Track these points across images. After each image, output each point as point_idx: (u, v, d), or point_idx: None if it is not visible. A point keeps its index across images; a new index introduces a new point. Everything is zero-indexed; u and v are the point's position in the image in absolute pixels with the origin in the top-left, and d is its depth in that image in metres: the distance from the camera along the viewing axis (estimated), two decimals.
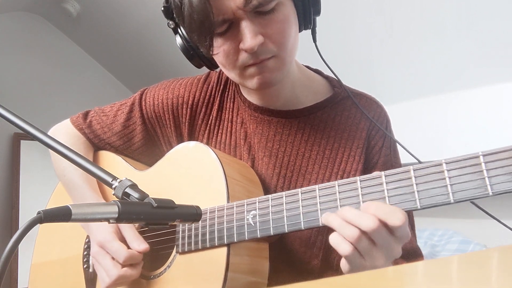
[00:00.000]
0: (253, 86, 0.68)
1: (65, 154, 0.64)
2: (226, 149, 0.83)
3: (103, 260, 0.73)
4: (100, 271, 0.74)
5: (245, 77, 0.68)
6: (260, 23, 0.63)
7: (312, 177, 0.77)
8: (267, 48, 0.64)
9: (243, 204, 0.67)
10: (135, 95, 0.90)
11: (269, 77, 0.67)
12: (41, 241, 0.97)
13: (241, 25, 0.62)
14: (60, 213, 0.50)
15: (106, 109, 0.92)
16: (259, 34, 0.62)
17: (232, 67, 0.67)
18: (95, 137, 0.92)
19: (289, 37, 0.66)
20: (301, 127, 0.79)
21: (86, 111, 0.95)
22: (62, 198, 0.94)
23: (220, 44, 0.65)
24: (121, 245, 0.71)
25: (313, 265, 0.76)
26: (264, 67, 0.66)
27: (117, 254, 0.71)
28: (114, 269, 0.71)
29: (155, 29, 2.54)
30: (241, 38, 0.63)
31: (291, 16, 0.66)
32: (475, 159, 0.50)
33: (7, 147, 2.72)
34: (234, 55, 0.65)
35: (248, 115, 0.81)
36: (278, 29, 0.64)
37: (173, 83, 0.88)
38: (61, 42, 3.12)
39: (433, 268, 0.35)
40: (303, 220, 0.61)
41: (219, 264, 0.66)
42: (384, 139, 0.78)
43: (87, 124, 0.92)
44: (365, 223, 0.53)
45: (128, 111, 0.88)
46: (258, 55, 0.64)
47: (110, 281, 0.71)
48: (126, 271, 0.71)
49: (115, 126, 0.89)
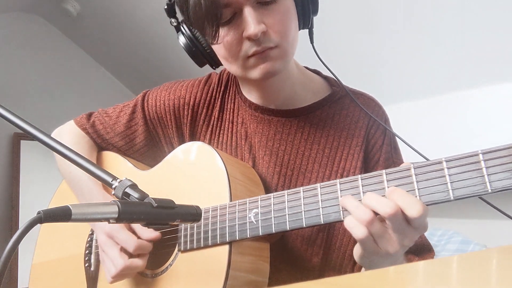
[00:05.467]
0: (256, 76, 0.69)
1: (65, 154, 0.64)
2: (228, 149, 0.83)
3: (111, 250, 0.73)
4: (106, 261, 0.74)
5: (247, 68, 0.69)
6: (262, 13, 0.65)
7: (312, 175, 0.78)
8: (270, 38, 0.66)
9: (245, 202, 0.68)
10: (138, 96, 0.92)
11: (272, 67, 0.68)
12: (42, 240, 0.97)
13: (244, 13, 0.64)
14: (60, 213, 0.50)
15: (109, 110, 0.94)
16: (262, 22, 0.64)
17: (235, 59, 0.69)
18: (98, 136, 0.93)
19: (290, 28, 0.68)
20: (301, 126, 0.79)
21: (90, 113, 0.96)
22: (64, 198, 0.94)
23: (224, 34, 0.66)
24: (131, 235, 0.72)
25: (314, 263, 0.76)
26: (267, 57, 0.67)
27: (127, 244, 0.71)
28: (120, 259, 0.71)
29: (155, 29, 2.54)
30: (244, 26, 0.64)
31: (292, 9, 0.69)
32: (474, 157, 0.51)
33: (7, 147, 2.72)
34: (238, 45, 0.66)
35: (249, 115, 0.82)
36: (280, 19, 0.66)
37: (174, 85, 0.89)
38: (61, 42, 3.12)
39: (433, 268, 0.35)
40: (304, 217, 0.62)
41: (221, 262, 0.67)
42: (384, 137, 0.79)
43: (90, 124, 0.93)
44: (383, 208, 0.53)
45: (130, 112, 0.90)
46: (261, 43, 0.65)
47: (116, 271, 0.71)
48: (133, 261, 0.71)
49: (117, 127, 0.91)
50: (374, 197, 0.55)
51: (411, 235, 0.55)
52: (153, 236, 0.72)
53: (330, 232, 0.75)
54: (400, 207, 0.53)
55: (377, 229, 0.54)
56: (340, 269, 0.77)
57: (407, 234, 0.54)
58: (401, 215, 0.53)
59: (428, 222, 0.56)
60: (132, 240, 0.71)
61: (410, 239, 0.55)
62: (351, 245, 0.75)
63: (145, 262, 0.73)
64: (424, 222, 0.54)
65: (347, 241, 0.76)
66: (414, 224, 0.54)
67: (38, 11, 2.94)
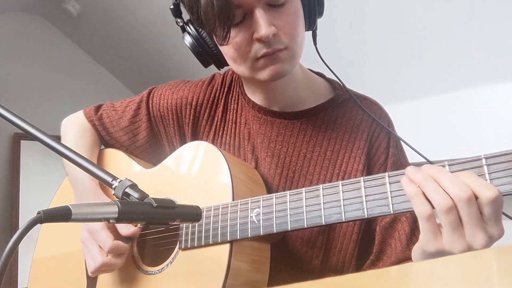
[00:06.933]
0: (265, 77, 0.70)
1: (65, 154, 0.64)
2: (231, 150, 0.84)
3: (91, 247, 0.75)
4: (87, 256, 0.76)
5: (256, 69, 0.70)
6: (273, 15, 0.65)
7: (313, 177, 0.78)
8: (280, 39, 0.66)
9: (247, 202, 0.68)
10: (144, 93, 0.93)
11: (280, 68, 0.69)
12: (43, 236, 0.97)
13: (255, 15, 0.64)
14: (60, 213, 0.51)
15: (116, 104, 0.96)
16: (272, 24, 0.65)
17: (243, 60, 0.69)
18: (104, 129, 0.95)
19: (299, 31, 0.69)
20: (303, 128, 0.80)
21: (99, 105, 0.98)
22: (67, 194, 0.95)
23: (233, 36, 0.66)
24: (108, 235, 0.73)
25: (313, 265, 0.76)
26: (276, 58, 0.68)
27: (103, 244, 0.73)
28: (99, 257, 0.73)
29: (155, 29, 2.54)
30: (255, 28, 0.65)
31: (300, 11, 0.70)
32: (477, 162, 0.51)
33: (7, 147, 2.71)
34: (247, 46, 0.67)
35: (252, 116, 0.83)
36: (289, 21, 0.67)
37: (179, 84, 0.91)
38: (61, 43, 3.12)
39: (433, 268, 0.35)
40: (306, 218, 0.62)
41: (221, 260, 0.67)
42: (389, 139, 0.79)
43: (98, 116, 0.95)
44: (456, 191, 0.47)
45: (135, 108, 0.92)
46: (271, 44, 0.66)
47: (95, 267, 0.74)
48: (111, 259, 0.73)
49: (122, 121, 0.92)
50: (448, 176, 0.48)
51: (479, 233, 0.47)
52: (130, 232, 0.73)
53: (330, 235, 0.75)
54: (473, 190, 0.47)
55: (452, 220, 0.47)
56: (341, 272, 0.77)
57: (476, 228, 0.47)
58: (475, 200, 0.47)
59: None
60: (108, 241, 0.73)
61: (479, 239, 0.47)
62: (351, 248, 0.75)
63: (123, 260, 0.75)
64: (496, 214, 0.47)
65: (347, 244, 0.75)
66: (486, 212, 0.47)
67: (38, 11, 2.94)
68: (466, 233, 0.47)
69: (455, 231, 0.48)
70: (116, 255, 0.74)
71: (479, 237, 0.47)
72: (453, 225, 0.47)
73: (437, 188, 0.49)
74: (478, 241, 0.47)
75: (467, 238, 0.47)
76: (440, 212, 0.48)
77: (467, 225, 0.47)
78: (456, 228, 0.47)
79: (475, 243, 0.47)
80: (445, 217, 0.47)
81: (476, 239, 0.47)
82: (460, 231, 0.48)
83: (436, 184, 0.49)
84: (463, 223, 0.47)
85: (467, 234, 0.47)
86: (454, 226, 0.47)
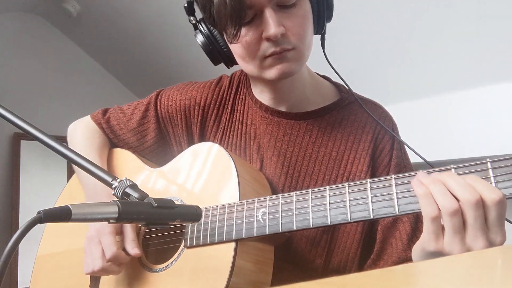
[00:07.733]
0: (272, 76, 0.71)
1: (65, 154, 0.64)
2: (237, 150, 0.85)
3: (94, 248, 0.75)
4: (87, 255, 0.76)
5: (264, 68, 0.71)
6: (282, 16, 0.67)
7: (318, 177, 0.79)
8: (288, 40, 0.68)
9: (254, 201, 0.69)
10: (152, 95, 0.95)
11: (287, 67, 0.70)
12: (48, 233, 0.98)
13: (265, 15, 0.66)
14: (60, 213, 0.50)
15: (124, 107, 0.97)
16: (281, 25, 0.66)
17: (252, 58, 0.70)
18: (112, 132, 0.96)
19: (307, 32, 0.70)
20: (309, 129, 0.81)
21: (105, 109, 0.99)
22: (72, 197, 0.95)
23: (243, 34, 0.68)
24: (114, 242, 0.74)
25: (317, 265, 0.77)
26: (284, 58, 0.69)
27: (106, 249, 0.73)
28: (99, 260, 0.73)
29: (156, 29, 2.54)
30: (265, 27, 0.66)
31: (309, 14, 0.71)
32: (482, 165, 0.52)
33: (7, 147, 2.72)
34: (256, 45, 0.68)
35: (259, 116, 0.84)
36: (298, 22, 0.68)
37: (187, 86, 0.92)
38: (61, 43, 3.12)
39: (434, 268, 0.35)
40: (312, 218, 0.62)
41: (226, 259, 0.68)
42: (393, 142, 0.80)
43: (105, 119, 0.96)
44: (465, 195, 0.48)
45: (144, 109, 0.93)
46: (279, 44, 0.67)
47: (92, 269, 0.74)
48: (110, 266, 0.73)
49: (130, 123, 0.94)
50: (457, 180, 0.49)
51: (481, 238, 0.48)
52: (132, 253, 0.74)
53: (334, 235, 0.76)
54: (479, 193, 0.48)
55: (455, 223, 0.48)
56: (343, 272, 0.78)
57: (478, 232, 0.48)
58: (481, 203, 0.47)
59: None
60: (113, 248, 0.73)
61: (479, 243, 0.48)
62: (354, 247, 0.76)
63: (121, 269, 0.76)
64: (500, 218, 0.48)
65: (350, 244, 0.76)
66: (491, 216, 0.48)
67: (38, 11, 2.95)
68: (469, 236, 0.48)
69: (457, 234, 0.49)
70: (116, 263, 0.74)
71: (479, 242, 0.48)
72: (456, 228, 0.48)
73: (444, 191, 0.50)
74: (478, 246, 0.48)
75: (468, 242, 0.49)
76: (445, 215, 0.49)
77: (471, 228, 0.48)
78: (458, 232, 0.48)
79: (475, 248, 0.48)
80: (449, 219, 0.48)
81: (477, 244, 0.48)
82: (461, 234, 0.49)
83: (444, 187, 0.50)
84: (467, 226, 0.48)
85: (469, 237, 0.48)
86: (457, 229, 0.48)
